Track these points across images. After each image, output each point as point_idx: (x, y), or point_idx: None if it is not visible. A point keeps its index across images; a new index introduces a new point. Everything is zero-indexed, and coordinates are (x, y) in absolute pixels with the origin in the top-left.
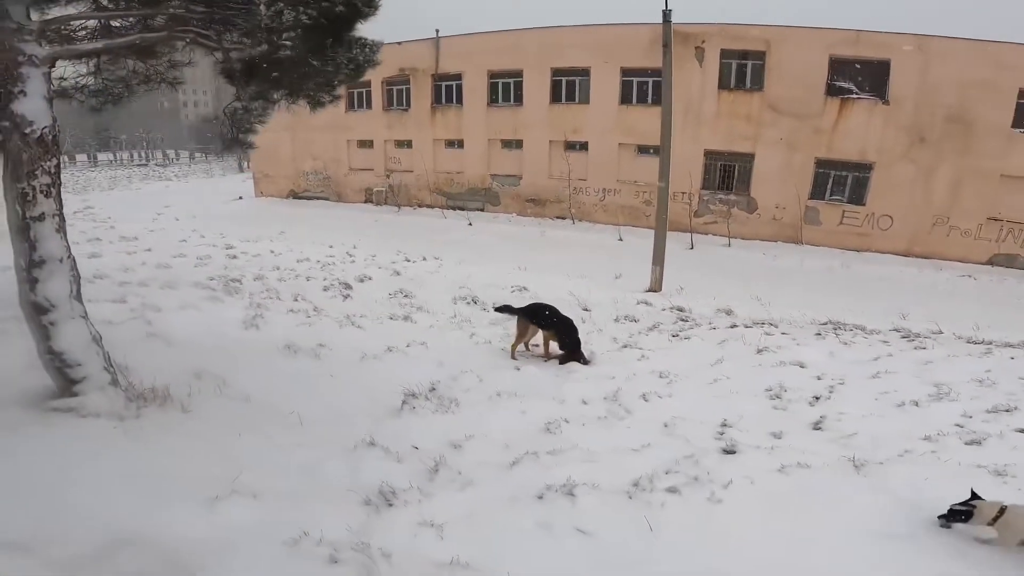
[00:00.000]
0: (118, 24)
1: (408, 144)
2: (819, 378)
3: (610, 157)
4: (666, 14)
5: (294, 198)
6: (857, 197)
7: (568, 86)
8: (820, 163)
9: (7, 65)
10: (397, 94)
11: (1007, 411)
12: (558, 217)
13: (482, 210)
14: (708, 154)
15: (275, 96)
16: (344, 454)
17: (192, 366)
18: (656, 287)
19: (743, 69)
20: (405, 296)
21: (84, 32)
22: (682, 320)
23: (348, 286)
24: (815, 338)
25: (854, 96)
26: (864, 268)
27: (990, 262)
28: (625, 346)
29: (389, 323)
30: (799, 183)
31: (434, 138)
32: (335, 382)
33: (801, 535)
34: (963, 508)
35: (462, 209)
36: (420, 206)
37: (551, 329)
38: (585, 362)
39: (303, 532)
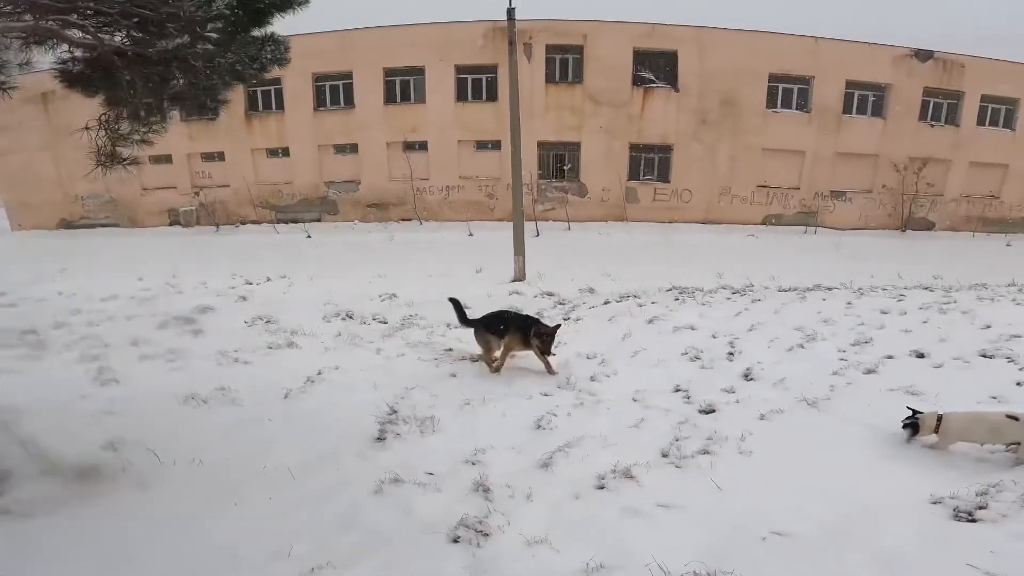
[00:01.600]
0: None
1: (220, 156)
2: (714, 337)
3: (450, 155)
4: (510, 12)
5: (68, 228)
6: (664, 175)
7: (403, 86)
8: (633, 147)
9: None
10: None
11: (866, 343)
12: (403, 219)
13: (319, 220)
14: (541, 145)
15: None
16: (372, 497)
17: (87, 436)
18: (520, 276)
19: (566, 63)
20: (268, 322)
21: None
22: (560, 304)
23: (191, 320)
24: (677, 303)
25: (654, 85)
26: (678, 237)
27: (764, 222)
28: None
29: (275, 353)
30: (619, 167)
31: (252, 148)
32: (278, 426)
33: (818, 465)
34: (912, 421)
35: (296, 222)
36: (243, 223)
37: (508, 334)
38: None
39: None
